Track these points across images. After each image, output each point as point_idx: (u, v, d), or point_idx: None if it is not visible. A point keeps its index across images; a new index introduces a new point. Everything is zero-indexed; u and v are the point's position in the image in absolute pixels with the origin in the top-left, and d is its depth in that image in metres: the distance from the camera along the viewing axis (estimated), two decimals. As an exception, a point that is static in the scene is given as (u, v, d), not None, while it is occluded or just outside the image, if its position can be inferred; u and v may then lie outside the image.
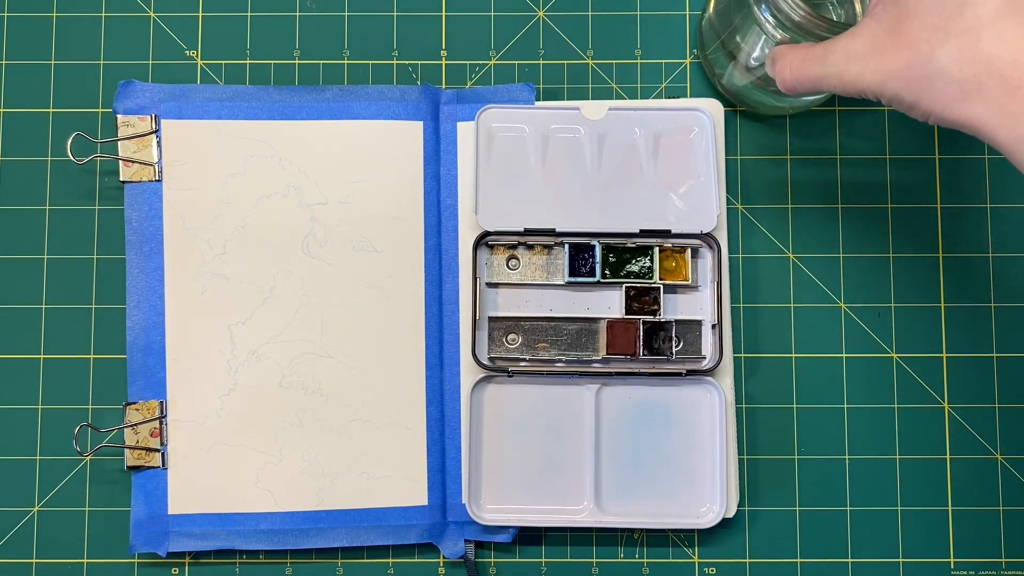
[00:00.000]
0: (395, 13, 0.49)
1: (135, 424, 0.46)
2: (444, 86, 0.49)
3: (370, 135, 0.47)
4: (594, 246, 0.46)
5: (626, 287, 0.46)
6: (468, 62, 0.49)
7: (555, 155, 0.46)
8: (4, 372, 0.47)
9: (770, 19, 0.40)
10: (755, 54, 0.43)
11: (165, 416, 0.46)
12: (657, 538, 0.47)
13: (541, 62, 0.49)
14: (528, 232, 0.46)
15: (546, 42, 0.49)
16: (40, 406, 0.47)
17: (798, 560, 0.47)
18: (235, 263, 0.46)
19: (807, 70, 0.36)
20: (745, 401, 0.47)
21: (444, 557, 0.46)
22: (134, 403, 0.46)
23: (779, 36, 0.40)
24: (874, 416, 0.47)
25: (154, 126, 0.47)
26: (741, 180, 0.48)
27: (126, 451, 0.46)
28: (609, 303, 0.46)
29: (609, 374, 0.45)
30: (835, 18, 0.45)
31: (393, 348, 0.46)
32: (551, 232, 0.46)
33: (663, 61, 0.49)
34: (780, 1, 0.39)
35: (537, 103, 0.47)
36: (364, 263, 0.47)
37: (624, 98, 0.49)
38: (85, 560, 0.47)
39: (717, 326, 0.45)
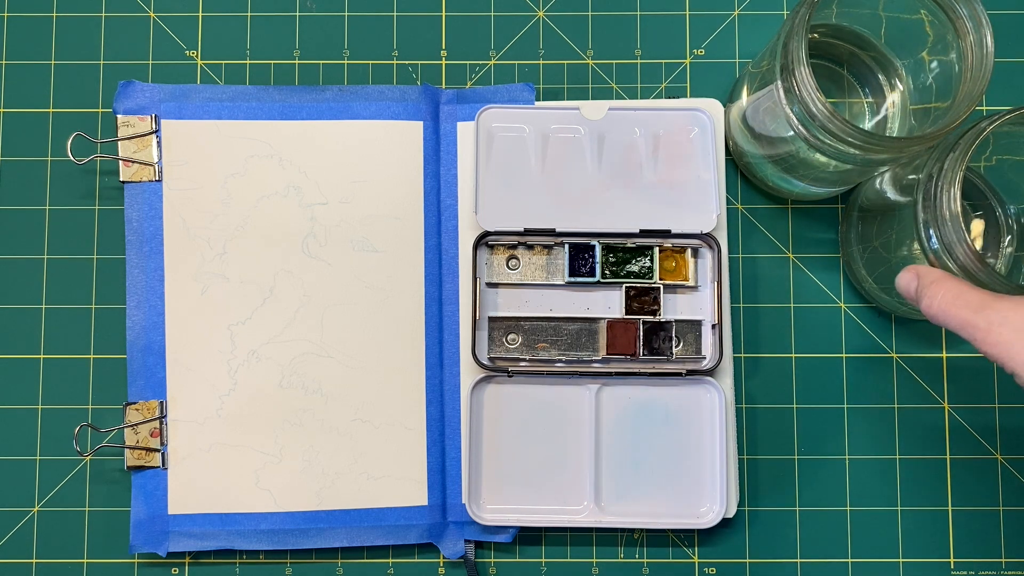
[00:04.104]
0: (395, 13, 0.49)
1: (135, 424, 0.46)
2: (444, 86, 0.49)
3: (370, 135, 0.47)
4: (594, 246, 0.46)
5: (626, 287, 0.46)
6: (468, 62, 0.49)
7: (555, 155, 0.46)
8: (4, 372, 0.47)
9: (795, 111, 0.40)
10: (767, 124, 0.43)
11: (165, 416, 0.46)
12: (657, 538, 0.47)
13: (541, 62, 0.49)
14: (528, 232, 0.46)
15: (546, 42, 0.49)
16: (40, 406, 0.47)
17: (798, 560, 0.47)
18: (235, 263, 0.46)
19: (957, 310, 0.36)
20: (745, 401, 0.47)
21: (444, 557, 0.46)
22: (134, 403, 0.46)
23: (803, 131, 0.40)
24: (874, 416, 0.47)
25: (154, 126, 0.47)
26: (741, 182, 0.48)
27: (126, 451, 0.46)
28: (609, 303, 0.46)
29: (609, 374, 0.45)
30: (868, 116, 0.46)
31: (393, 348, 0.46)
32: (551, 232, 0.46)
33: (663, 61, 0.49)
34: (805, 95, 0.38)
35: (537, 103, 0.47)
36: (364, 263, 0.47)
37: (624, 98, 0.49)
38: (85, 560, 0.47)
39: (717, 326, 0.45)
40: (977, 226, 0.46)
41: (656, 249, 0.46)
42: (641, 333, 0.46)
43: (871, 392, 0.47)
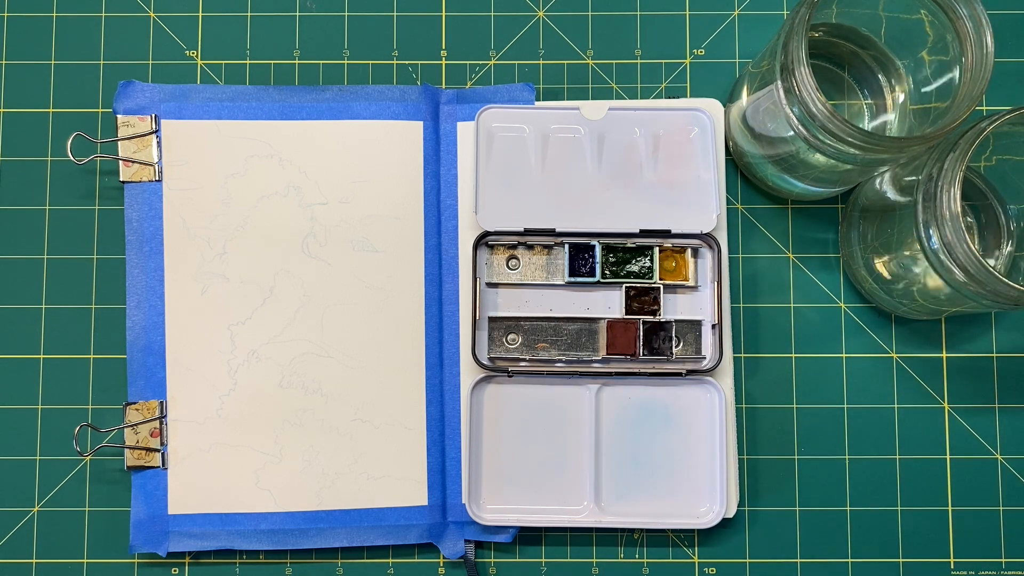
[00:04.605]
0: (395, 13, 0.49)
1: (135, 424, 0.46)
2: (444, 86, 0.49)
3: (370, 135, 0.47)
4: (594, 246, 0.46)
5: (626, 287, 0.46)
6: (468, 62, 0.49)
7: (555, 155, 0.46)
8: (4, 372, 0.47)
9: (795, 111, 0.40)
10: (767, 124, 0.43)
11: (165, 416, 0.46)
12: (657, 538, 0.47)
13: (541, 62, 0.49)
14: (528, 232, 0.46)
15: (546, 42, 0.49)
16: (40, 406, 0.47)
17: (798, 560, 0.47)
18: (235, 263, 0.46)
19: None
20: (745, 401, 0.47)
21: (444, 557, 0.46)
22: (134, 403, 0.46)
23: (803, 131, 0.40)
24: (874, 416, 0.47)
25: (154, 126, 0.47)
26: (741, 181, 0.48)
27: (126, 451, 0.46)
28: (609, 303, 0.46)
29: (609, 374, 0.45)
30: (868, 117, 0.46)
31: (393, 348, 0.46)
32: (551, 232, 0.46)
33: (663, 61, 0.49)
34: (805, 95, 0.38)
35: (537, 103, 0.47)
36: (364, 263, 0.47)
37: (624, 98, 0.49)
38: (85, 560, 0.47)
39: (717, 326, 0.45)
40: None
41: (656, 249, 0.46)
42: (641, 333, 0.46)
43: (871, 392, 0.47)
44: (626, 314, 0.46)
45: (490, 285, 0.46)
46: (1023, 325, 0.48)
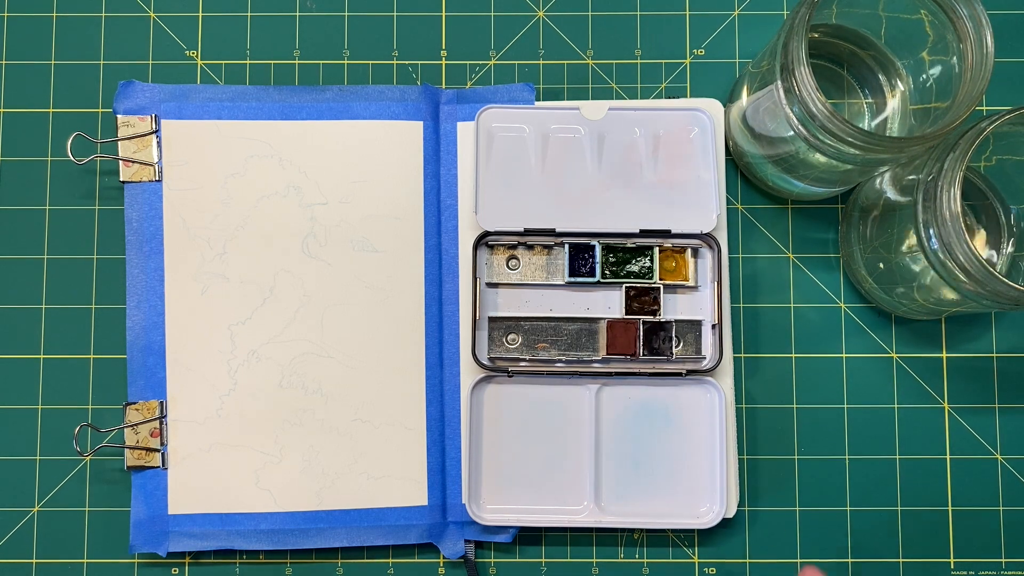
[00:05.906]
0: (395, 13, 0.49)
1: (135, 424, 0.46)
2: (444, 86, 0.49)
3: (370, 135, 0.47)
4: (594, 246, 0.46)
5: (626, 287, 0.46)
6: (468, 62, 0.49)
7: (555, 155, 0.46)
8: (4, 372, 0.47)
9: (796, 111, 0.40)
10: (767, 124, 0.43)
11: (165, 416, 0.46)
12: (657, 538, 0.47)
13: (541, 62, 0.49)
14: (528, 232, 0.46)
15: (546, 42, 0.49)
16: (40, 406, 0.47)
17: (798, 560, 0.47)
18: (235, 263, 0.46)
19: None
20: (745, 401, 0.47)
21: (444, 557, 0.46)
22: (134, 403, 0.46)
23: (803, 131, 0.40)
24: (874, 416, 0.47)
25: (154, 126, 0.47)
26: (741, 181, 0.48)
27: (126, 451, 0.46)
28: (609, 303, 0.46)
29: (609, 374, 0.45)
30: (868, 117, 0.46)
31: (393, 348, 0.46)
32: (551, 232, 0.46)
33: (663, 61, 0.49)
34: (805, 95, 0.38)
35: (537, 103, 0.47)
36: (364, 263, 0.47)
37: (624, 98, 0.49)
38: (85, 560, 0.47)
39: (717, 326, 0.45)
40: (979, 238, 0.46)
41: (656, 249, 0.46)
42: (641, 333, 0.46)
43: (871, 392, 0.47)
44: (626, 314, 0.46)
45: (490, 285, 0.46)
46: (1023, 325, 0.48)
